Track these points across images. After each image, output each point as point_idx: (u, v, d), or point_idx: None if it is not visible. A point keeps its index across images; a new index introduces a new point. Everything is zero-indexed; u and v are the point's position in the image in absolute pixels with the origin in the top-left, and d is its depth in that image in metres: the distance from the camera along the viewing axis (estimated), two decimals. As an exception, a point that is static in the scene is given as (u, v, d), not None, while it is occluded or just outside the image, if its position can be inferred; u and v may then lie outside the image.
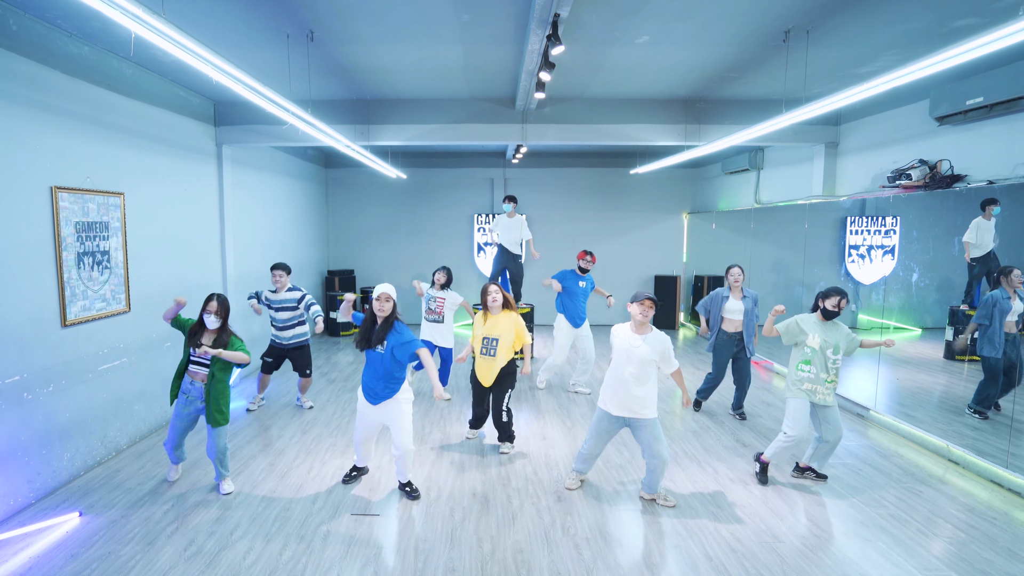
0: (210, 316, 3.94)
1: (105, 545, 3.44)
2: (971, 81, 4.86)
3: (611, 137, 6.86)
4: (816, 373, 4.09)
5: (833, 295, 4.11)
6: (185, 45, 2.84)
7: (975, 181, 5.08)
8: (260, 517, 3.79)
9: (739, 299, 5.48)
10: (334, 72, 5.58)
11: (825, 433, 4.16)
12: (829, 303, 4.12)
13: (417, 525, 3.72)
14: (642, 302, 3.80)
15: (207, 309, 3.95)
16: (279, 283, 5.58)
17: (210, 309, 3.95)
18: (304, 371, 5.84)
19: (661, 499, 4.00)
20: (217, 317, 3.95)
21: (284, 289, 5.62)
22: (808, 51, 4.71)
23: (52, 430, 4.15)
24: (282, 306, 5.63)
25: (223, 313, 3.98)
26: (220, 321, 3.96)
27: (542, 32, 3.98)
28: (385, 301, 3.90)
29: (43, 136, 4.09)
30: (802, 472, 4.39)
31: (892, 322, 6.84)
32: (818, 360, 4.09)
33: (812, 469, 4.35)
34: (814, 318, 4.21)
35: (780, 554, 3.41)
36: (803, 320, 4.22)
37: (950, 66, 3.36)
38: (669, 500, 3.99)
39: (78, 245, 4.37)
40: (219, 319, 3.96)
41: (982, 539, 3.58)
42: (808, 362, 4.12)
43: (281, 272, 5.60)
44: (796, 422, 4.12)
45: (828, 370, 4.08)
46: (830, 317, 4.13)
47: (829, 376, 4.08)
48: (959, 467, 4.65)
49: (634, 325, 3.87)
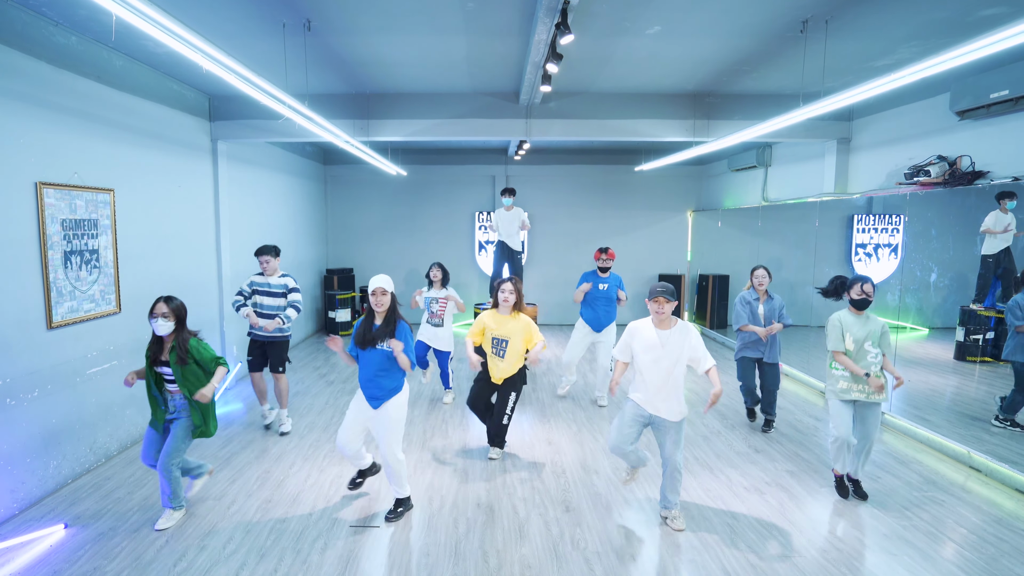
0: (157, 320, 3.43)
1: (90, 560, 3.26)
2: (996, 73, 4.67)
3: (617, 133, 6.67)
4: (852, 374, 3.90)
5: (855, 284, 3.94)
6: (170, 29, 2.66)
7: (998, 178, 4.90)
8: (254, 529, 3.61)
9: (763, 301, 5.24)
10: (332, 64, 5.39)
11: (861, 434, 3.95)
12: (854, 292, 3.94)
13: (419, 538, 3.55)
14: (655, 299, 3.49)
15: (154, 313, 3.42)
16: (268, 267, 5.08)
17: (157, 312, 3.43)
18: (277, 368, 5.18)
19: (671, 519, 3.68)
20: (166, 320, 3.45)
21: (276, 274, 5.14)
22: (826, 43, 4.52)
23: (37, 437, 3.97)
24: (269, 291, 5.11)
25: (175, 313, 3.50)
26: (173, 323, 3.49)
27: (550, 21, 3.80)
28: (381, 295, 3.61)
29: (27, 129, 3.90)
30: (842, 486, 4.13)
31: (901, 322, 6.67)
32: (854, 358, 3.91)
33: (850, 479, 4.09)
34: (845, 313, 4.01)
35: (802, 569, 3.24)
36: (841, 318, 3.99)
37: (976, 58, 3.19)
38: (677, 523, 3.66)
39: (65, 244, 4.19)
40: (170, 321, 3.47)
41: (1013, 553, 3.41)
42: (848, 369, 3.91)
43: (268, 256, 5.07)
44: (836, 421, 3.96)
45: (868, 366, 3.87)
46: (862, 307, 3.93)
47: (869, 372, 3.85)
48: (981, 475, 4.47)
49: (655, 320, 3.58)
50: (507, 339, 4.49)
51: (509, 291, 4.52)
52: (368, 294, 3.66)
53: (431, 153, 10.80)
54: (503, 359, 4.51)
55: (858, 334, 3.92)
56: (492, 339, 4.53)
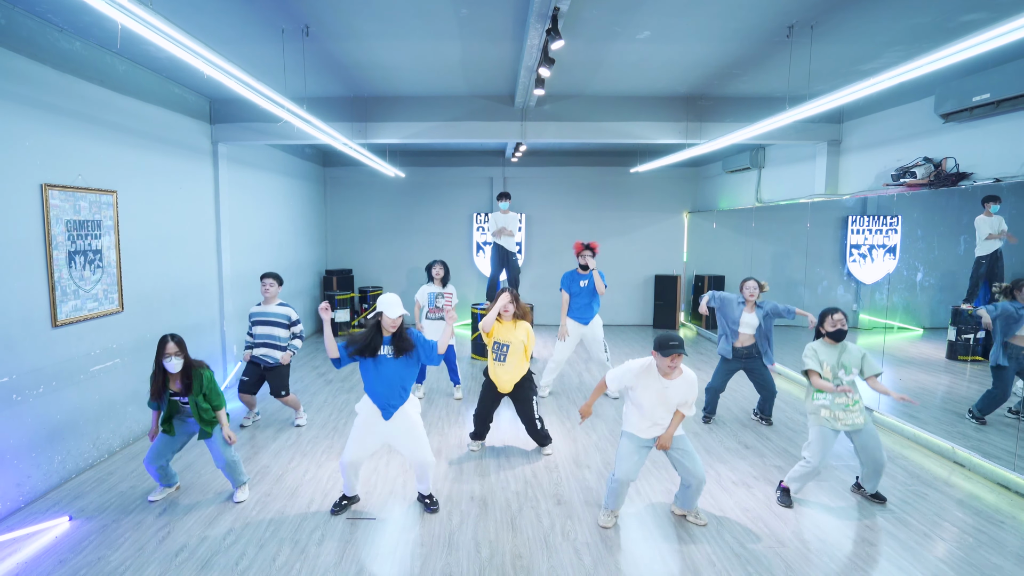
0: (171, 359, 3.67)
1: (95, 550, 3.37)
2: (978, 77, 4.79)
3: (611, 135, 6.78)
4: (832, 399, 3.82)
5: (826, 315, 3.91)
6: (172, 36, 2.76)
7: (981, 179, 5.01)
8: (254, 522, 3.72)
9: (752, 312, 5.33)
10: (330, 68, 5.50)
11: (864, 461, 3.90)
12: (827, 324, 3.90)
13: (414, 529, 3.65)
14: (672, 356, 3.37)
15: (166, 352, 3.67)
16: (268, 292, 5.16)
17: (169, 351, 3.67)
18: (279, 392, 5.23)
19: (692, 516, 3.76)
20: (178, 357, 3.69)
21: (274, 302, 5.21)
22: (812, 47, 4.63)
23: (42, 432, 4.07)
24: (266, 320, 5.17)
25: (183, 351, 3.73)
26: (182, 360, 3.72)
27: (541, 27, 3.91)
28: (398, 319, 3.59)
29: (33, 133, 4.02)
30: (860, 488, 4.14)
31: (893, 322, 6.77)
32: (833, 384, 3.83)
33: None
34: (820, 343, 3.96)
35: (786, 560, 3.34)
36: (816, 347, 3.96)
37: (956, 61, 3.29)
38: (700, 519, 3.73)
39: (69, 244, 4.30)
40: (180, 358, 3.70)
41: (991, 544, 3.50)
42: (822, 390, 3.83)
43: (272, 281, 5.17)
44: (814, 448, 3.87)
45: (846, 394, 3.79)
46: (838, 338, 3.87)
47: (848, 400, 3.80)
48: (965, 469, 4.57)
49: (663, 371, 3.47)
50: (508, 343, 4.63)
51: (508, 302, 4.63)
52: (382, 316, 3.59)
53: (429, 155, 10.91)
54: (504, 363, 4.64)
55: (832, 362, 3.87)
56: (494, 343, 4.67)
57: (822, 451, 3.83)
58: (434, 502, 3.90)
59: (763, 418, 5.58)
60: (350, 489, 3.87)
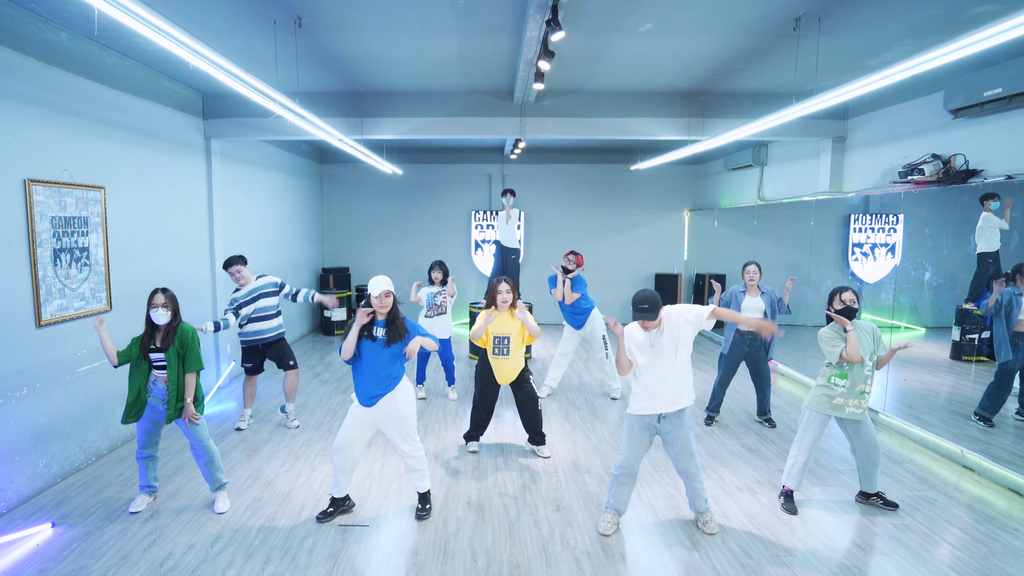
0: (157, 310, 3.57)
1: (77, 559, 3.25)
2: (989, 71, 4.66)
3: (612, 131, 6.66)
4: (851, 386, 3.70)
5: (835, 294, 3.78)
6: (153, 23, 2.64)
7: (992, 176, 4.89)
8: (243, 529, 3.60)
9: (756, 296, 5.22)
10: (324, 62, 5.37)
11: (860, 452, 3.83)
12: (836, 303, 3.76)
13: (408, 537, 3.53)
14: (641, 322, 3.36)
15: (154, 303, 3.58)
16: (242, 276, 5.01)
17: (156, 302, 3.58)
18: (288, 363, 5.25)
19: (702, 522, 3.62)
20: (166, 310, 3.60)
21: (251, 281, 5.08)
22: (819, 40, 4.51)
23: (26, 435, 3.95)
24: (254, 296, 5.06)
25: (173, 305, 3.65)
26: (170, 314, 3.63)
27: (541, 17, 3.78)
28: (386, 297, 3.49)
29: (16, 126, 3.88)
30: (867, 498, 3.98)
31: (898, 322, 6.66)
32: (855, 372, 3.70)
33: (879, 495, 3.95)
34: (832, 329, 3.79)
35: (792, 569, 3.22)
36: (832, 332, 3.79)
37: (967, 55, 3.19)
38: (710, 527, 3.58)
39: (54, 241, 4.17)
40: (168, 311, 3.61)
41: (1004, 552, 3.39)
42: (844, 376, 3.70)
43: (238, 267, 5.01)
44: (808, 437, 3.79)
45: (865, 380, 3.70)
46: (850, 316, 3.74)
47: (866, 387, 3.70)
48: (974, 474, 4.46)
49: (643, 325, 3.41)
50: (508, 336, 4.52)
51: (506, 290, 4.53)
52: (371, 297, 3.47)
53: (427, 152, 10.78)
54: (507, 356, 4.53)
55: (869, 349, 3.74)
56: (494, 338, 4.55)
57: (814, 438, 3.81)
58: (425, 508, 3.76)
59: (766, 420, 5.47)
60: (339, 488, 3.71)
